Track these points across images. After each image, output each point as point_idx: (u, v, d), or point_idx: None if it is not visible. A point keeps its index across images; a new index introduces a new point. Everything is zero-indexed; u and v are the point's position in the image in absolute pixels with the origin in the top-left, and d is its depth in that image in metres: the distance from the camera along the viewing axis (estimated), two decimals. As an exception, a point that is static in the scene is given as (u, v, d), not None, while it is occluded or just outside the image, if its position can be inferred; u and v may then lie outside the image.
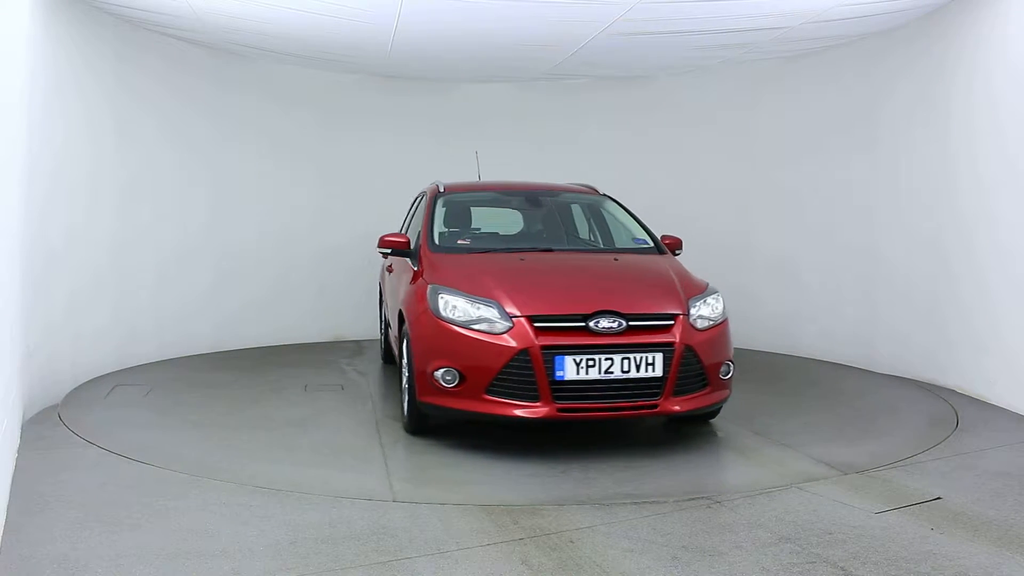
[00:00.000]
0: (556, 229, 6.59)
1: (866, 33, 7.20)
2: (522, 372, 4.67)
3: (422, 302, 5.15)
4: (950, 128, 6.55)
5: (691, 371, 4.91)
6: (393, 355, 6.62)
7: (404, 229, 7.14)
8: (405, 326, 5.38)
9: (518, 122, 9.40)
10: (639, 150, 9.23)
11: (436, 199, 6.35)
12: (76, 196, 6.54)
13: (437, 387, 4.88)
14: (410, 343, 5.20)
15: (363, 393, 6.58)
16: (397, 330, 5.80)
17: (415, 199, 7.33)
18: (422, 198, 6.79)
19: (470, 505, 4.01)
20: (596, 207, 6.62)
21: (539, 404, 4.67)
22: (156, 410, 5.90)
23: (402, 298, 5.71)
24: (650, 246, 6.01)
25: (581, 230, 6.64)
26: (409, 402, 5.25)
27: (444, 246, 5.80)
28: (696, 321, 5.00)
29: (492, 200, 6.87)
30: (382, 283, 7.64)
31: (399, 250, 6.02)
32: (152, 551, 3.42)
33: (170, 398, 6.27)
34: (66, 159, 6.34)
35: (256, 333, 8.59)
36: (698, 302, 5.11)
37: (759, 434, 5.34)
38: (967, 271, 6.42)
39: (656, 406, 4.80)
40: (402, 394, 5.50)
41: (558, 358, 4.66)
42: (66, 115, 6.36)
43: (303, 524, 3.74)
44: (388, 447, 5.08)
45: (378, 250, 6.12)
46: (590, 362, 4.69)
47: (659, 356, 4.78)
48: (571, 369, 4.67)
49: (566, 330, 4.77)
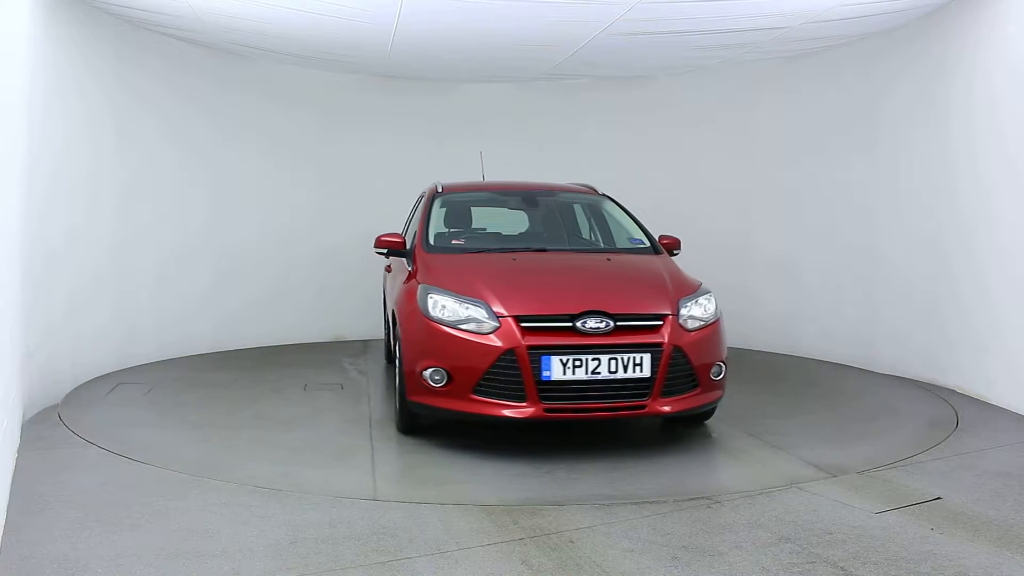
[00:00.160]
0: (552, 229, 6.58)
1: (866, 33, 7.20)
2: (508, 372, 4.67)
3: (412, 302, 5.17)
4: (950, 128, 6.55)
5: (680, 372, 4.88)
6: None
7: (405, 229, 7.14)
8: (398, 326, 5.40)
9: (518, 122, 9.40)
10: (639, 150, 9.23)
11: (433, 199, 6.36)
12: (76, 196, 6.54)
13: (426, 387, 4.89)
14: (400, 342, 5.22)
15: (362, 392, 6.58)
16: (392, 330, 5.81)
17: (417, 199, 7.34)
18: (423, 198, 6.80)
19: (470, 505, 4.01)
20: (594, 207, 6.61)
21: (525, 404, 4.66)
22: (156, 410, 5.90)
23: (395, 297, 5.72)
24: (646, 246, 6.00)
25: (578, 230, 6.63)
26: (400, 402, 5.28)
27: (438, 246, 5.80)
28: (687, 321, 4.97)
29: (489, 200, 6.87)
30: (385, 283, 7.66)
31: (395, 250, 6.03)
32: (152, 551, 3.42)
33: (170, 398, 6.27)
34: (66, 159, 6.33)
35: (256, 333, 8.59)
36: (689, 302, 5.07)
37: (752, 435, 5.32)
38: (967, 271, 6.42)
39: (644, 407, 4.77)
40: (396, 394, 5.52)
41: (544, 358, 4.65)
42: (66, 115, 6.36)
43: (303, 524, 3.74)
44: (378, 446, 5.09)
45: (374, 250, 6.13)
46: (577, 362, 4.67)
47: (647, 356, 4.75)
48: (557, 369, 4.66)
49: (553, 330, 4.75)
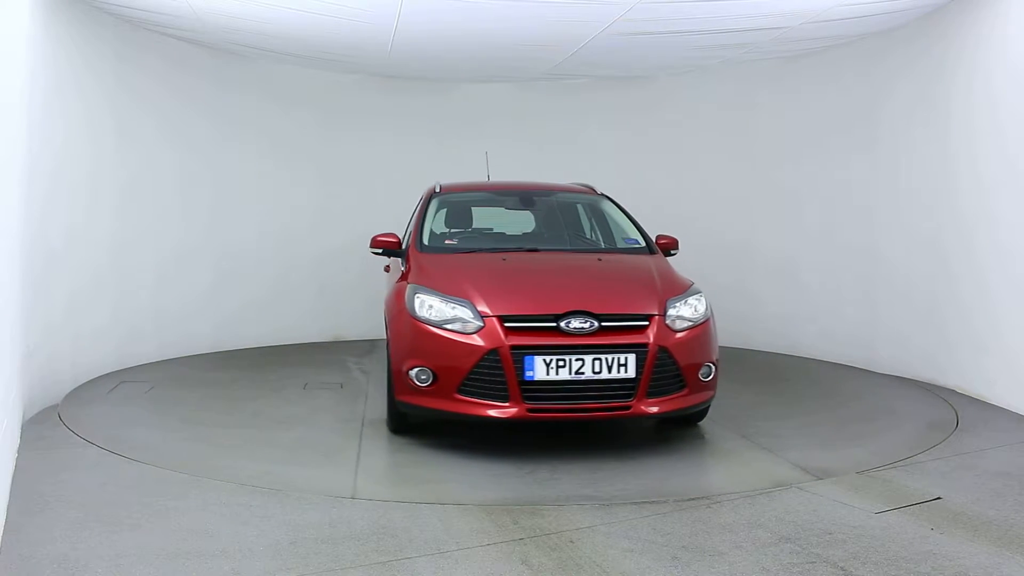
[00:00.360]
0: (548, 229, 6.59)
1: (866, 33, 7.20)
2: (492, 372, 4.67)
3: (401, 301, 5.18)
4: (950, 128, 6.55)
5: (666, 372, 4.84)
6: None
7: (407, 229, 7.14)
8: (388, 326, 5.42)
9: (518, 122, 9.40)
10: (639, 150, 9.23)
11: (430, 199, 6.37)
12: (76, 196, 6.54)
13: (412, 386, 4.90)
14: (389, 342, 5.25)
15: (361, 392, 6.58)
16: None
17: (419, 200, 7.34)
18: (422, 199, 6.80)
19: (470, 505, 4.02)
20: (591, 207, 6.60)
21: (509, 404, 4.66)
22: (156, 410, 5.90)
23: (385, 297, 5.72)
24: (641, 246, 5.98)
25: (574, 230, 6.60)
26: (388, 401, 5.29)
27: (432, 246, 5.81)
28: (674, 322, 4.94)
29: (486, 200, 6.85)
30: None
31: (390, 250, 6.03)
32: (152, 551, 3.42)
33: (170, 398, 6.27)
34: (66, 159, 6.33)
35: (256, 333, 8.59)
36: (677, 303, 5.03)
37: (745, 436, 5.29)
38: (967, 271, 6.42)
39: (629, 407, 4.74)
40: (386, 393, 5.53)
41: (527, 358, 4.64)
42: (66, 115, 6.36)
43: (303, 524, 3.74)
44: (367, 445, 5.11)
45: (370, 250, 6.13)
46: (560, 362, 4.66)
47: (632, 357, 4.73)
48: (540, 369, 4.65)
49: (537, 330, 4.74)
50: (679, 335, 4.92)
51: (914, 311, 7.02)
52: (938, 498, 4.11)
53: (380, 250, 6.06)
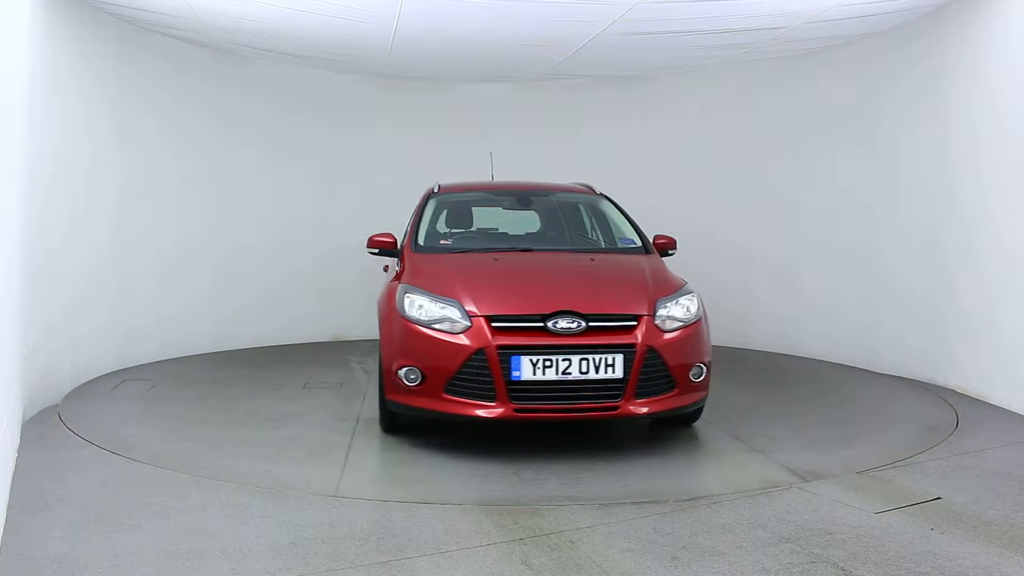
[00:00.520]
0: (544, 229, 6.58)
1: (866, 33, 7.20)
2: (479, 372, 4.66)
3: (391, 301, 5.19)
4: (950, 128, 6.55)
5: (655, 373, 4.81)
6: None
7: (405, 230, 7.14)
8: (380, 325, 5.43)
9: (518, 122, 9.40)
10: (639, 150, 9.23)
11: (428, 200, 6.37)
12: (76, 196, 6.54)
13: (401, 385, 4.90)
14: (380, 341, 5.27)
15: (359, 391, 6.58)
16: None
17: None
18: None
19: (470, 505, 4.02)
20: (588, 206, 6.59)
21: (496, 404, 4.66)
22: (156, 410, 5.90)
23: (379, 297, 5.73)
24: (636, 246, 5.96)
25: (572, 229, 6.59)
26: (380, 400, 5.31)
27: (426, 246, 5.81)
28: (664, 322, 4.91)
29: (484, 200, 6.84)
30: None
31: (386, 250, 6.03)
32: (152, 551, 3.42)
33: (170, 397, 6.27)
34: (66, 159, 6.33)
35: (256, 333, 8.59)
36: (668, 303, 4.99)
37: (737, 438, 5.26)
38: (967, 271, 6.42)
39: (617, 408, 4.72)
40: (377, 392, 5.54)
41: (514, 358, 4.63)
42: (66, 115, 6.36)
43: (303, 524, 3.74)
44: (357, 444, 5.12)
45: (367, 250, 6.13)
46: (547, 362, 4.65)
47: (619, 357, 4.70)
48: (527, 369, 4.64)
49: (524, 330, 4.73)
50: (668, 335, 4.88)
51: (914, 311, 7.02)
52: (938, 498, 4.11)
53: (376, 250, 6.07)
